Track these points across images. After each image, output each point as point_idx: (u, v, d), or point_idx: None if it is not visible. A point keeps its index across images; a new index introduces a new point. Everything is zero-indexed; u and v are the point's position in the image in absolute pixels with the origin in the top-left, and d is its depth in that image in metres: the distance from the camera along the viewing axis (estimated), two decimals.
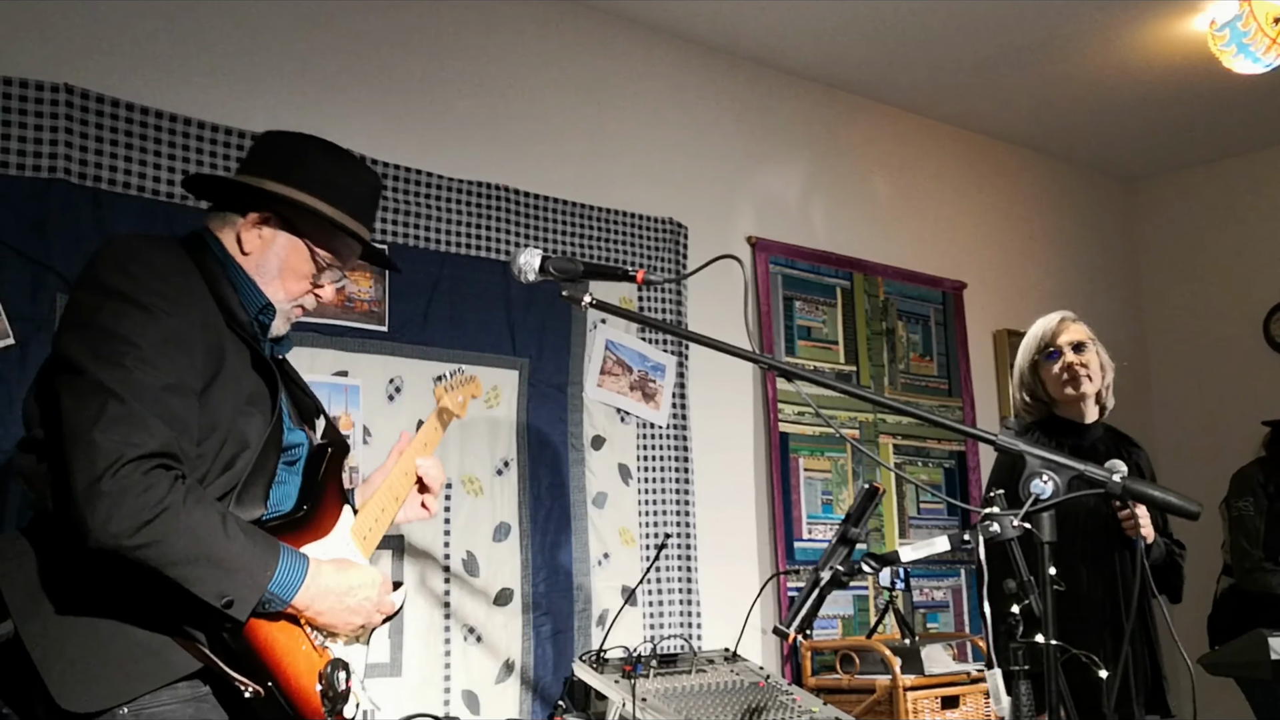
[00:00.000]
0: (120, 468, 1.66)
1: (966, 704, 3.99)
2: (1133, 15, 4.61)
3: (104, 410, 1.68)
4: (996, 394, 5.53)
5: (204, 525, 1.72)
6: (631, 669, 3.25)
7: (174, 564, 1.68)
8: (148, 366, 1.73)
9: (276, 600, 1.79)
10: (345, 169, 2.09)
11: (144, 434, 1.69)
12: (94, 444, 1.66)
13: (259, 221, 2.01)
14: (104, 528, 1.65)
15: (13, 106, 2.99)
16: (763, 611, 4.31)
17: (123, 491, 1.65)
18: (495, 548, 3.70)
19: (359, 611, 1.92)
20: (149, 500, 1.67)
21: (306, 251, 2.03)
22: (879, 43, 4.73)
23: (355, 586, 1.91)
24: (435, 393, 2.52)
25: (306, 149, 2.08)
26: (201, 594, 1.70)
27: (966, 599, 5.08)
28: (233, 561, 1.72)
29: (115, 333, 1.74)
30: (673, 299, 4.28)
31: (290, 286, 2.03)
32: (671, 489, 4.14)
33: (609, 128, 4.34)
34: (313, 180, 2.01)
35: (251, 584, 1.74)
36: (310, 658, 1.86)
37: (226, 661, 1.76)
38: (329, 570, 1.88)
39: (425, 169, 3.75)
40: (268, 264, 2.01)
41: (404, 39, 3.83)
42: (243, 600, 1.73)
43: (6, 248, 2.92)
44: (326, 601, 1.86)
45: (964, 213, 5.61)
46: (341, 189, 2.04)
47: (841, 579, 2.23)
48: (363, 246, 2.12)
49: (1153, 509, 2.76)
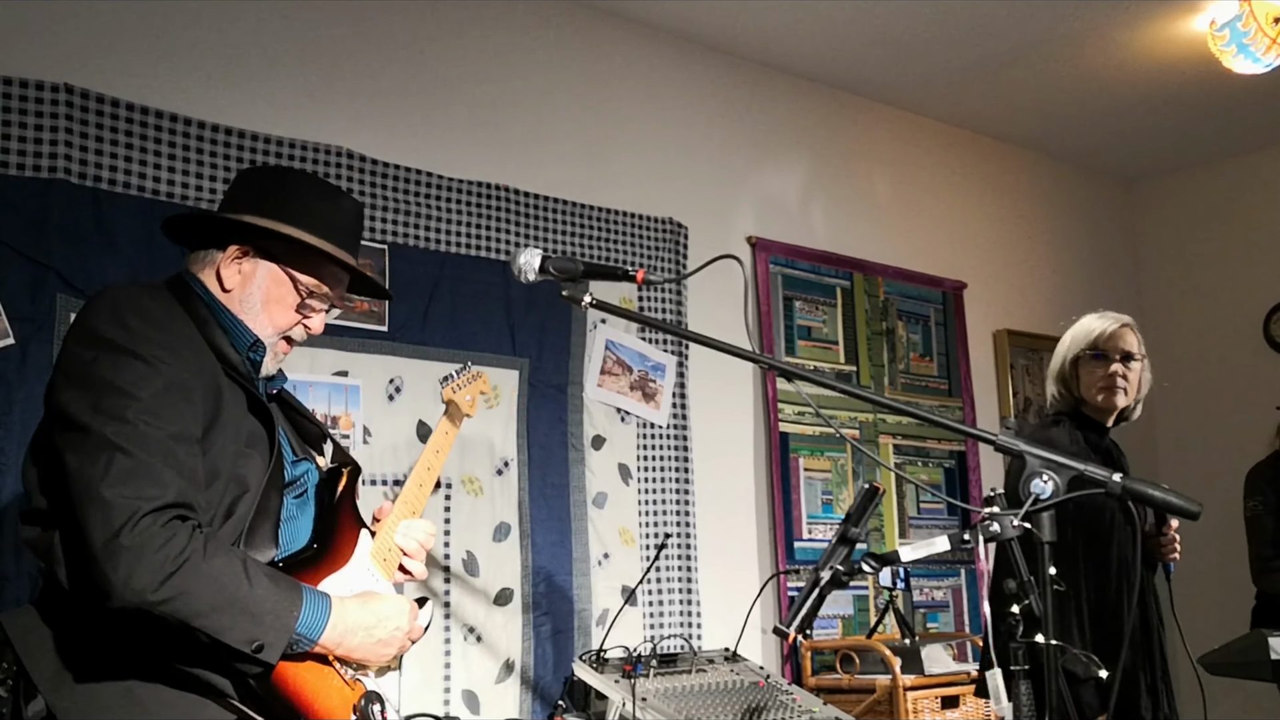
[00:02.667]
0: (138, 522, 1.63)
1: (966, 704, 3.99)
2: (1133, 15, 4.61)
3: (111, 466, 1.66)
4: (996, 394, 5.53)
5: (227, 573, 1.69)
6: (631, 669, 3.25)
7: (200, 614, 1.66)
8: (151, 418, 1.70)
9: (304, 641, 1.77)
10: (322, 196, 2.05)
11: (157, 487, 1.67)
12: (107, 502, 1.64)
13: (237, 255, 1.97)
14: (127, 584, 1.62)
15: (13, 106, 2.99)
16: (763, 611, 4.31)
17: (142, 546, 1.63)
18: (495, 548, 3.70)
19: (390, 643, 1.90)
20: (170, 553, 1.64)
21: (288, 280, 1.99)
22: (879, 43, 4.73)
23: (384, 618, 1.88)
24: (443, 395, 2.44)
25: (282, 180, 2.06)
26: (232, 642, 1.67)
27: (966, 599, 5.08)
28: (258, 606, 1.70)
29: (115, 385, 1.71)
30: (673, 299, 4.28)
31: (276, 319, 1.99)
32: (671, 489, 4.14)
33: (609, 128, 4.33)
34: (288, 209, 1.98)
35: (279, 626, 1.72)
36: (343, 693, 1.84)
37: (258, 710, 1.74)
38: (354, 606, 1.85)
39: (425, 169, 3.75)
40: (250, 298, 1.97)
41: (404, 39, 3.83)
42: (272, 645, 1.70)
43: (6, 248, 2.92)
44: (356, 638, 1.83)
45: (964, 213, 5.61)
46: (318, 215, 2.01)
47: (841, 579, 2.22)
48: (350, 275, 2.08)
49: (1153, 509, 2.76)
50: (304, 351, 3.36)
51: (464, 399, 2.46)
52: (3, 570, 2.79)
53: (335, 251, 2.01)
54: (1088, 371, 3.10)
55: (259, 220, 1.96)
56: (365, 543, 2.04)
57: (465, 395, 2.46)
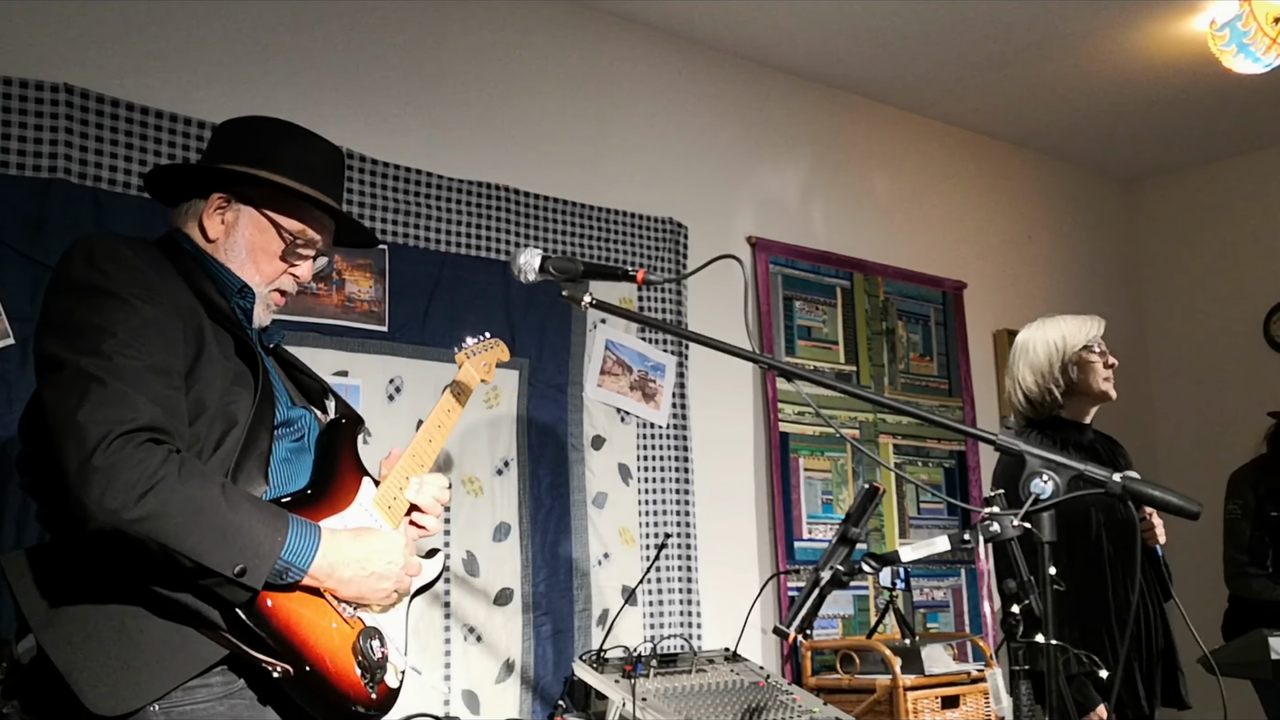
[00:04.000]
0: (110, 443, 1.63)
1: (966, 704, 3.99)
2: (1133, 15, 4.61)
3: (87, 395, 1.66)
4: (996, 394, 5.53)
5: (204, 495, 1.67)
6: (631, 669, 3.25)
7: (178, 536, 1.64)
8: (128, 349, 1.71)
9: (293, 569, 1.74)
10: (300, 141, 2.04)
11: (130, 410, 1.66)
12: (80, 425, 1.64)
13: (220, 205, 1.97)
14: (100, 504, 1.61)
15: (13, 106, 2.99)
16: (763, 611, 4.31)
17: (114, 466, 1.62)
18: (495, 547, 3.70)
19: (385, 577, 1.86)
20: (144, 471, 1.63)
21: (271, 227, 1.97)
22: (879, 43, 4.73)
23: (377, 551, 1.85)
24: (457, 359, 2.37)
25: (260, 128, 2.04)
26: (212, 564, 1.64)
27: (966, 599, 5.08)
28: (239, 529, 1.68)
29: (92, 323, 1.72)
30: (673, 299, 4.28)
31: (263, 268, 1.98)
32: (671, 489, 4.14)
33: (609, 128, 4.34)
34: (266, 154, 1.97)
35: (262, 551, 1.69)
36: (342, 631, 1.81)
37: (250, 644, 1.71)
38: (345, 538, 1.83)
39: (425, 169, 3.75)
40: (235, 246, 1.96)
41: (404, 39, 3.83)
42: (255, 569, 1.68)
43: (6, 248, 2.92)
44: (348, 570, 1.80)
45: (964, 213, 5.62)
46: (296, 159, 1.99)
47: (841, 579, 2.22)
48: (335, 222, 2.06)
49: (1153, 509, 2.77)
50: (304, 351, 3.37)
51: (480, 364, 2.40)
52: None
53: (316, 194, 2.00)
54: (1090, 365, 3.18)
55: (238, 167, 1.96)
56: (368, 489, 2.02)
57: (481, 361, 2.41)
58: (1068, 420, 3.21)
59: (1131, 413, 5.26)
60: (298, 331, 3.39)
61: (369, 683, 1.82)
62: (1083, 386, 3.18)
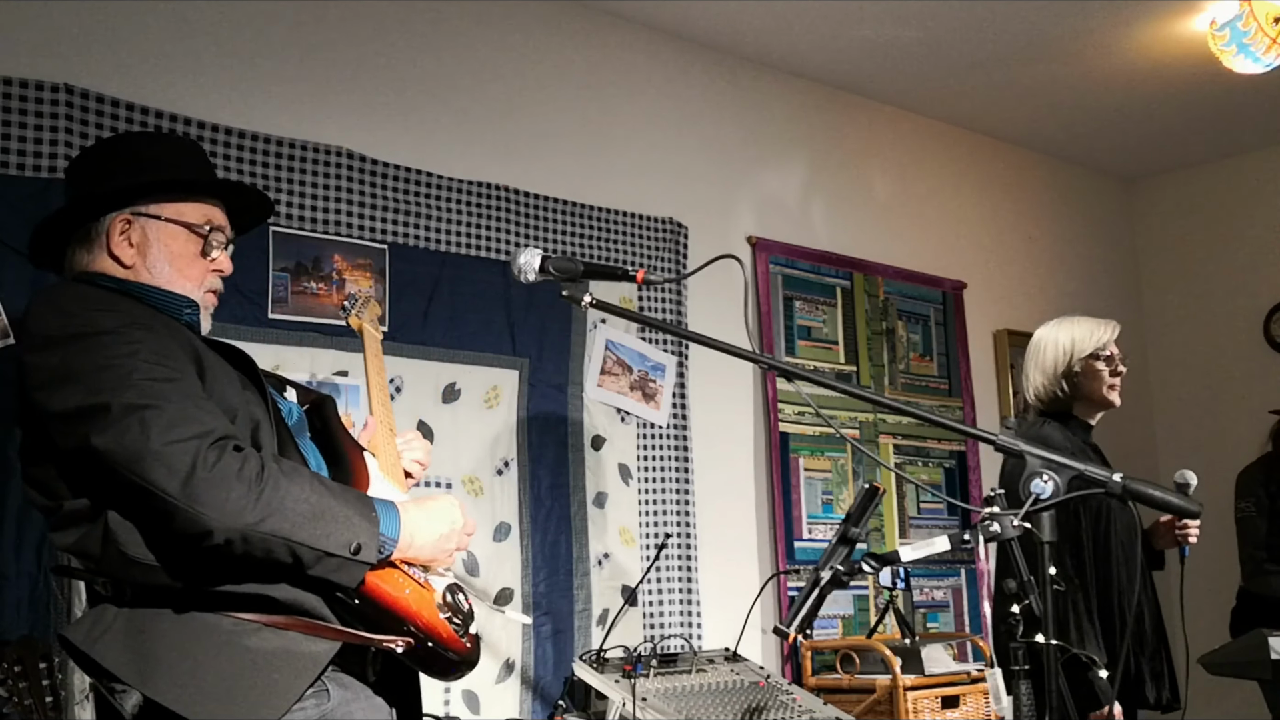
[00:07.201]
0: (204, 456, 1.61)
1: (966, 704, 3.99)
2: (1133, 15, 4.61)
3: (148, 424, 1.61)
4: (996, 394, 5.53)
5: (308, 485, 1.70)
6: (631, 669, 3.25)
7: (298, 527, 1.65)
8: (156, 374, 1.68)
9: (389, 542, 1.77)
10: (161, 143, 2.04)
11: (200, 425, 1.65)
12: (162, 453, 1.60)
13: (122, 228, 1.88)
14: (223, 511, 1.60)
15: (13, 106, 2.99)
16: (763, 611, 4.31)
17: (221, 475, 1.61)
18: (495, 547, 3.70)
19: (451, 537, 1.90)
20: (250, 473, 1.63)
21: (181, 229, 1.91)
22: (879, 42, 4.73)
23: (439, 513, 1.89)
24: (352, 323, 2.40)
25: (113, 148, 2.01)
26: (332, 548, 1.66)
27: (966, 599, 5.08)
28: (343, 512, 1.70)
29: (98, 364, 1.67)
30: (673, 299, 4.28)
31: (190, 273, 1.92)
32: (671, 489, 4.14)
33: (609, 128, 4.34)
34: (137, 165, 1.93)
35: (367, 528, 1.72)
36: (420, 594, 1.84)
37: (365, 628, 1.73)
38: (413, 507, 1.86)
39: (425, 169, 3.75)
40: (156, 263, 1.89)
41: (404, 39, 3.83)
42: (367, 545, 1.70)
43: (6, 248, 2.92)
44: (422, 536, 1.84)
45: (964, 213, 5.62)
46: (165, 159, 1.97)
47: (841, 579, 2.22)
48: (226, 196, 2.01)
49: (1153, 509, 2.78)
50: (304, 351, 3.37)
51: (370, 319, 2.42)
52: (2, 570, 2.79)
53: (200, 174, 1.98)
54: (1098, 372, 3.20)
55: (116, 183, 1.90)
56: (372, 463, 2.05)
57: (369, 317, 2.43)
58: (1079, 419, 3.24)
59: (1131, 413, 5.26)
60: (297, 331, 3.39)
61: (463, 635, 1.87)
62: (1086, 392, 3.20)
